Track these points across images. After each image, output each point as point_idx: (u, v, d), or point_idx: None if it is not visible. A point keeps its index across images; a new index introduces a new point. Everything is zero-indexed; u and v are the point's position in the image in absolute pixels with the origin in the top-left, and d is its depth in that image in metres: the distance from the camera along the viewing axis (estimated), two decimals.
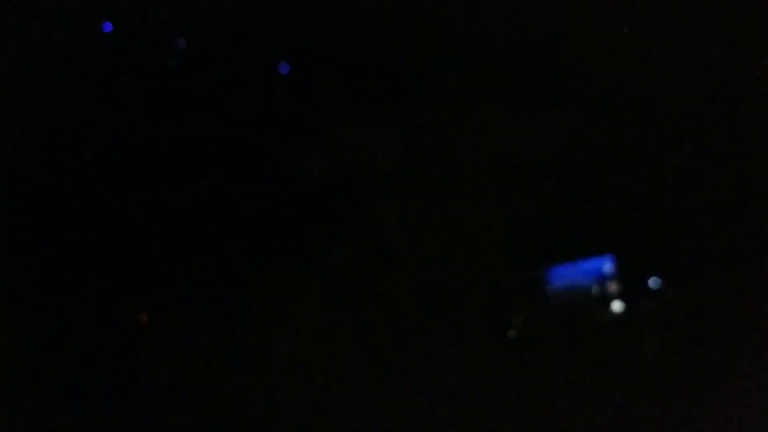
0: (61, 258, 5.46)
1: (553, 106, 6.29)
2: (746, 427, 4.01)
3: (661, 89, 5.32)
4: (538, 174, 6.55)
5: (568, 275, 4.56)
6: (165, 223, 6.21)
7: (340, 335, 5.00)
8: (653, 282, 4.60)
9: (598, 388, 4.52)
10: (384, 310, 5.20)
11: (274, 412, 4.97)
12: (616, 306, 4.45)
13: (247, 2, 5.77)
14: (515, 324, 4.51)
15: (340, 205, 6.64)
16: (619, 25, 5.70)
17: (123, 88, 6.08)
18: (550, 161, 6.37)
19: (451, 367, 4.79)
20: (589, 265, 4.41)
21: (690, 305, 4.75)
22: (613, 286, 4.46)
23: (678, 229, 4.86)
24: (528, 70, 5.87)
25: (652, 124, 5.27)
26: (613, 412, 4.38)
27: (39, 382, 4.77)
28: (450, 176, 7.00)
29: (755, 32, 5.00)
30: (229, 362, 5.00)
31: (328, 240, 6.66)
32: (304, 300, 5.03)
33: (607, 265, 4.45)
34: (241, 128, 6.50)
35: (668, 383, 4.44)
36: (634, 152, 5.28)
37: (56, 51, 5.61)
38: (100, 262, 5.71)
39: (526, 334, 4.68)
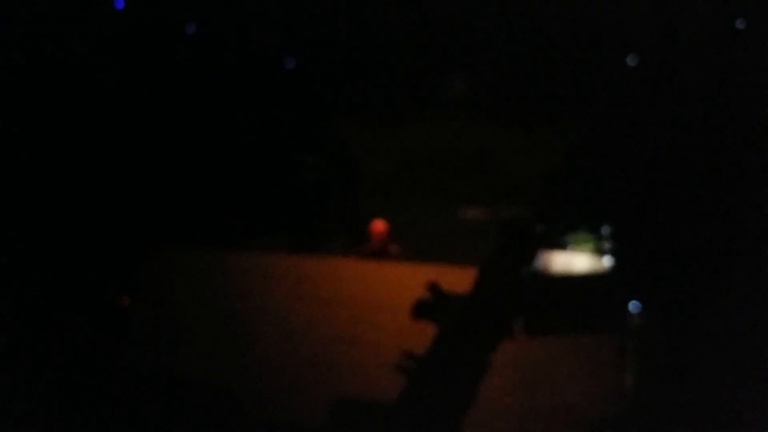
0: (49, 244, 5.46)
1: (554, 118, 6.36)
2: None
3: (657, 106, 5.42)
4: (535, 182, 6.60)
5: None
6: (168, 213, 6.19)
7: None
8: (633, 306, 4.71)
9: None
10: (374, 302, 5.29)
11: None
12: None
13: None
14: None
15: (338, 201, 6.61)
16: (622, 50, 5.81)
17: (129, 76, 6.02)
18: (549, 171, 6.43)
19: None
20: None
21: (671, 334, 4.82)
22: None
23: (664, 255, 4.93)
24: (532, 80, 5.95)
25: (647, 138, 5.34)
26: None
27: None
28: (449, 180, 7.02)
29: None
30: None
31: (325, 233, 6.64)
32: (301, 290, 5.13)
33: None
34: (244, 124, 6.51)
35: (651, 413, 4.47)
36: (629, 168, 5.34)
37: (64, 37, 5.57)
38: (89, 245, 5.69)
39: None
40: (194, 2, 5.82)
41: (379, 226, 5.75)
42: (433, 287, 4.70)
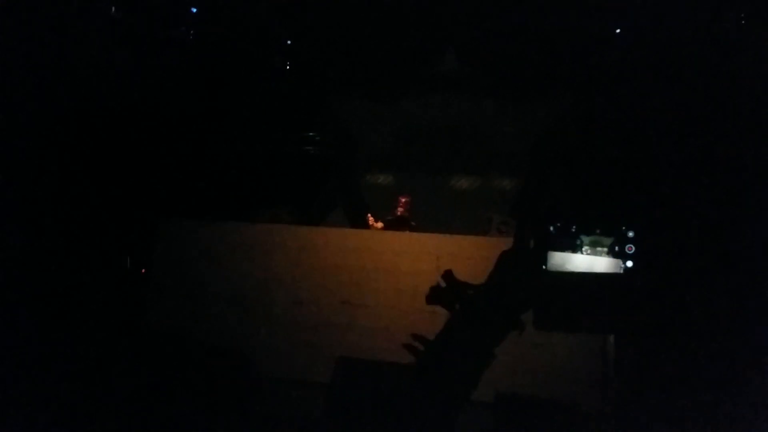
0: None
1: (547, 92, 6.45)
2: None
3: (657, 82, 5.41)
4: (529, 155, 6.82)
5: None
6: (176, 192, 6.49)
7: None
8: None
9: None
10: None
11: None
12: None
13: None
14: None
15: (339, 175, 6.91)
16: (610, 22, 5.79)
17: (135, 64, 6.28)
18: (541, 144, 6.62)
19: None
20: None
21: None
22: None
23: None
24: (524, 57, 6.06)
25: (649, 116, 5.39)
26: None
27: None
28: (443, 152, 7.29)
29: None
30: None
31: (328, 206, 6.99)
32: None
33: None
34: (249, 106, 6.77)
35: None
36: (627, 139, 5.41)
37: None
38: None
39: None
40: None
41: (405, 197, 6.45)
42: (447, 275, 4.87)
